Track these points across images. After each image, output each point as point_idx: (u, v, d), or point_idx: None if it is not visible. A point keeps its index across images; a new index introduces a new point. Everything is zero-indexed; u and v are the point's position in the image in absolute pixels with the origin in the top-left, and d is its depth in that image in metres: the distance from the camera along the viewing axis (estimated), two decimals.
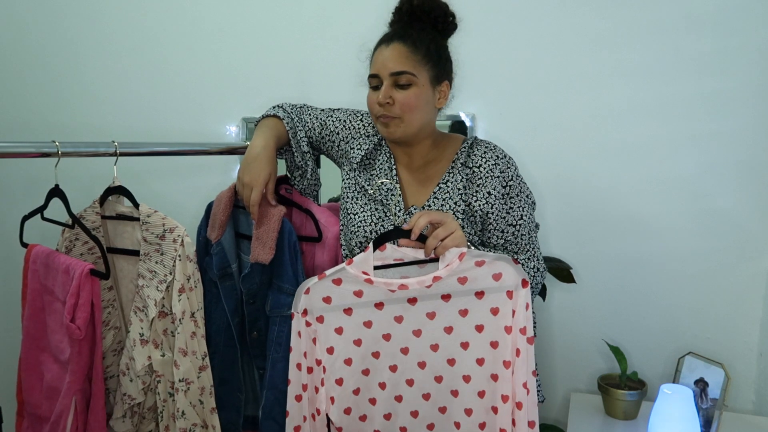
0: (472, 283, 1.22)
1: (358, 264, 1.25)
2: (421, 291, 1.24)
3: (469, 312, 1.25)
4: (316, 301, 1.28)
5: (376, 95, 1.36)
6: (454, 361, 1.27)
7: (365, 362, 1.31)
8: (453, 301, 1.24)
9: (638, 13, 1.84)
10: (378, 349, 1.30)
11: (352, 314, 1.28)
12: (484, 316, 1.24)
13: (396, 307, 1.27)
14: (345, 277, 1.26)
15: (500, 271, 1.22)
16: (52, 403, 1.39)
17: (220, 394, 1.50)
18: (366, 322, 1.28)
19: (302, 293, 1.28)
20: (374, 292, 1.26)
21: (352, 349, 1.30)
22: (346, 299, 1.27)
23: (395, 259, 1.26)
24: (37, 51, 2.32)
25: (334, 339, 1.30)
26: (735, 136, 1.80)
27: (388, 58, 1.35)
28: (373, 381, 1.31)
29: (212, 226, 1.54)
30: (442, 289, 1.24)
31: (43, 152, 1.26)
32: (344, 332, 1.29)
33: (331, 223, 1.52)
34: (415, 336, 1.28)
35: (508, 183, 1.38)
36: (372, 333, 1.29)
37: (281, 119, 1.53)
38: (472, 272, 1.22)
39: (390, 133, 1.38)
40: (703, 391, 1.67)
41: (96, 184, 1.52)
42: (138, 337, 1.42)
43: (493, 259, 1.22)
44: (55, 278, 1.37)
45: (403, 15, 1.41)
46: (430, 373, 1.29)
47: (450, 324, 1.26)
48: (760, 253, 1.82)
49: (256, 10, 2.12)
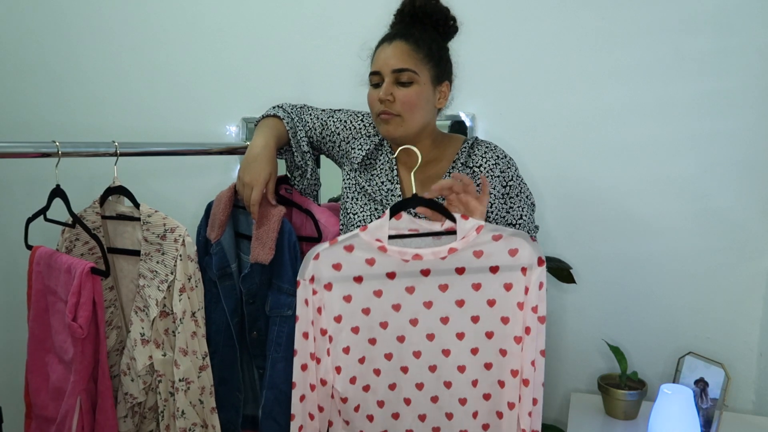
0: (487, 257, 1.21)
1: (373, 231, 1.22)
2: (435, 263, 1.22)
3: (482, 286, 1.23)
4: (325, 268, 1.25)
5: (377, 92, 1.36)
6: (463, 335, 1.25)
7: (372, 332, 1.28)
8: (467, 274, 1.22)
9: (638, 13, 1.84)
10: (386, 319, 1.27)
11: (363, 283, 1.25)
12: (497, 291, 1.23)
13: (408, 278, 1.24)
14: (358, 243, 1.22)
15: (516, 246, 1.20)
16: (58, 404, 1.39)
17: (220, 393, 1.50)
18: (376, 291, 1.26)
19: (311, 259, 1.25)
20: (387, 261, 1.23)
21: (359, 317, 1.27)
22: (357, 267, 1.24)
23: (410, 230, 1.24)
24: (37, 51, 2.31)
25: (341, 307, 1.27)
26: (735, 136, 1.81)
27: (390, 56, 1.35)
28: (379, 351, 1.29)
29: (212, 225, 1.54)
30: (456, 262, 1.21)
31: (43, 152, 1.26)
32: (353, 300, 1.27)
33: (331, 224, 1.52)
34: (426, 308, 1.25)
35: (508, 183, 1.38)
36: (381, 303, 1.26)
37: (281, 119, 1.53)
38: (488, 246, 1.20)
39: (390, 132, 1.38)
40: (703, 391, 1.67)
41: (96, 184, 1.52)
42: (139, 336, 1.42)
43: (510, 234, 1.20)
44: (58, 278, 1.37)
45: (405, 16, 1.42)
46: (437, 345, 1.27)
47: (462, 297, 1.24)
48: (760, 253, 1.82)
49: (256, 10, 2.12)
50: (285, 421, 1.46)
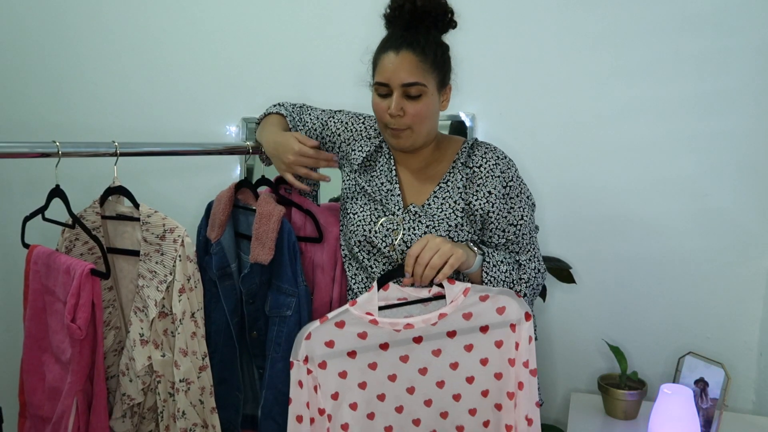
0: (477, 318, 1.24)
1: (362, 305, 1.25)
2: (426, 329, 1.25)
3: (474, 347, 1.26)
4: (317, 346, 1.26)
5: (386, 104, 1.34)
6: (459, 396, 1.29)
7: (370, 406, 1.30)
8: (458, 337, 1.26)
9: (638, 13, 1.84)
10: (383, 391, 1.29)
11: (357, 357, 1.27)
12: (489, 350, 1.26)
13: (401, 347, 1.26)
14: (348, 319, 1.25)
15: (504, 304, 1.24)
16: (54, 404, 1.39)
17: (219, 393, 1.50)
18: (371, 364, 1.28)
19: (303, 339, 1.25)
20: (379, 333, 1.25)
21: (356, 392, 1.29)
22: (350, 342, 1.26)
23: (399, 299, 1.26)
24: (37, 51, 2.32)
25: (337, 384, 1.28)
26: (735, 136, 1.81)
27: (399, 68, 1.31)
28: (379, 425, 1.31)
29: (212, 225, 1.54)
30: (447, 326, 1.25)
31: (43, 152, 1.25)
32: (348, 376, 1.28)
33: (331, 224, 1.52)
34: (421, 374, 1.28)
35: (508, 183, 1.38)
36: (377, 375, 1.28)
37: (284, 117, 1.54)
38: (476, 307, 1.24)
39: (400, 144, 1.38)
40: (703, 391, 1.67)
41: (96, 184, 1.52)
42: (138, 337, 1.41)
43: (496, 293, 1.24)
44: (56, 278, 1.37)
45: (404, 14, 1.36)
46: (436, 410, 1.30)
47: (456, 360, 1.27)
48: (760, 253, 1.82)
49: (256, 10, 2.12)
50: (284, 420, 1.45)
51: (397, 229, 1.38)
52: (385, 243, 1.38)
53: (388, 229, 1.40)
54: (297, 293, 1.45)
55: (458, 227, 1.36)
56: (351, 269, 1.47)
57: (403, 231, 1.37)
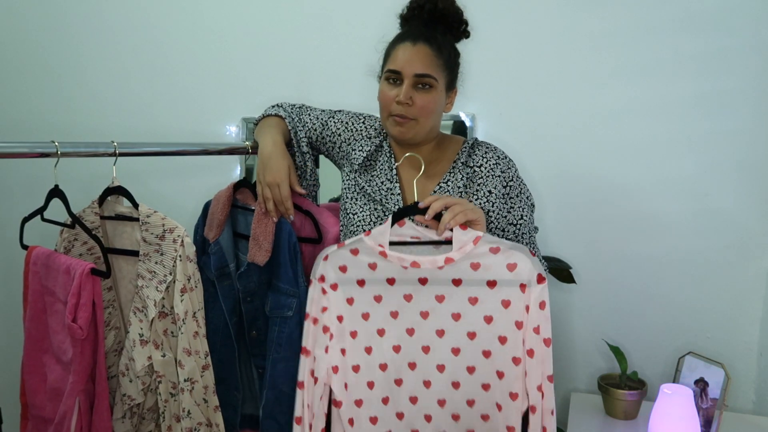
0: (485, 270, 1.19)
1: (376, 236, 1.24)
2: (432, 272, 1.22)
3: (479, 301, 1.21)
4: (332, 269, 1.28)
5: (394, 92, 1.35)
6: (459, 350, 1.24)
7: (370, 340, 1.28)
8: (463, 287, 1.21)
9: (638, 13, 1.84)
10: (384, 327, 1.27)
11: (365, 286, 1.27)
12: (495, 308, 1.20)
13: (407, 286, 1.24)
14: (362, 247, 1.25)
15: (515, 261, 1.17)
16: (56, 404, 1.39)
17: (218, 392, 1.50)
18: (376, 296, 1.27)
19: (321, 260, 1.28)
20: (387, 267, 1.24)
21: (359, 322, 1.28)
22: (361, 270, 1.26)
23: (412, 237, 1.24)
24: (37, 51, 2.32)
25: (344, 308, 1.29)
26: (735, 136, 1.80)
27: (415, 58, 1.33)
28: (375, 360, 1.28)
29: (210, 225, 1.54)
30: (453, 273, 1.21)
31: (42, 152, 1.26)
32: (354, 303, 1.28)
33: (331, 224, 1.52)
34: (423, 318, 1.25)
35: (508, 183, 1.38)
36: (380, 309, 1.27)
37: (283, 118, 1.53)
38: (485, 259, 1.18)
39: (402, 134, 1.38)
40: (703, 391, 1.67)
41: (95, 184, 1.52)
42: (137, 337, 1.41)
43: (508, 247, 1.18)
44: (56, 279, 1.37)
45: (423, 14, 1.39)
46: (433, 359, 1.25)
47: (458, 311, 1.23)
48: (760, 252, 1.82)
49: (256, 10, 2.12)
50: (285, 420, 1.46)
51: None
52: None
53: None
54: (298, 294, 1.45)
55: None
56: None
57: None
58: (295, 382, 1.42)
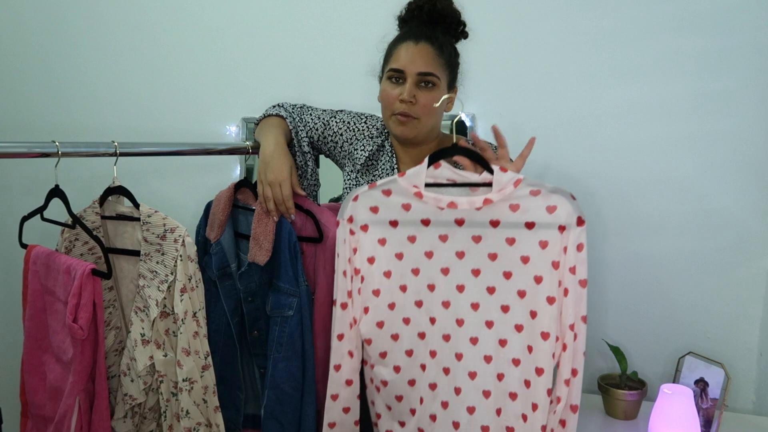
0: (524, 212, 1.17)
1: (410, 177, 1.22)
2: (469, 213, 1.20)
3: (516, 241, 1.19)
4: (362, 210, 1.27)
5: (397, 91, 1.36)
6: (494, 289, 1.22)
7: (404, 278, 1.27)
8: (501, 228, 1.19)
9: (638, 13, 1.84)
10: (418, 266, 1.26)
11: (398, 227, 1.26)
12: (532, 248, 1.18)
13: (442, 227, 1.23)
14: (395, 188, 1.24)
15: (556, 204, 1.16)
16: (56, 404, 1.39)
17: (220, 392, 1.50)
18: (410, 236, 1.25)
19: (350, 200, 1.27)
20: (422, 208, 1.23)
21: (393, 261, 1.27)
22: (394, 211, 1.25)
23: (448, 179, 1.22)
24: (37, 51, 2.31)
25: (375, 249, 1.27)
26: (735, 136, 1.80)
27: (417, 57, 1.35)
28: (410, 299, 1.27)
29: (211, 225, 1.54)
30: (491, 214, 1.19)
31: (43, 152, 1.26)
32: (387, 244, 1.26)
33: (332, 223, 1.52)
34: (458, 258, 1.23)
35: None
36: (415, 249, 1.25)
37: (284, 119, 1.53)
38: (525, 201, 1.17)
39: (405, 133, 1.38)
40: (703, 391, 1.67)
41: (96, 184, 1.52)
42: (139, 337, 1.41)
43: (549, 190, 1.16)
44: (56, 279, 1.37)
45: (423, 14, 1.41)
46: (467, 298, 1.24)
47: (495, 251, 1.20)
48: (760, 253, 1.82)
49: (256, 10, 2.12)
50: (287, 420, 1.46)
51: None
52: None
53: None
54: (298, 293, 1.45)
55: None
56: None
57: None
58: (296, 381, 1.42)
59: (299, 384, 1.47)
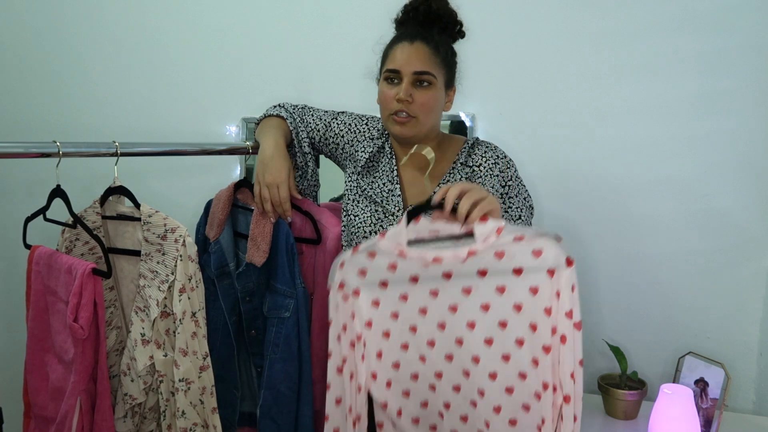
0: (510, 258, 1.14)
1: (391, 237, 1.20)
2: (455, 265, 1.18)
3: (507, 289, 1.16)
4: (351, 275, 1.25)
5: (395, 91, 1.36)
6: (492, 340, 1.20)
7: (403, 336, 1.26)
8: (489, 277, 1.16)
9: (638, 13, 1.84)
10: (415, 324, 1.24)
11: (388, 287, 1.24)
12: (523, 295, 1.15)
13: (431, 282, 1.21)
14: (378, 250, 1.22)
15: (541, 247, 1.13)
16: (58, 404, 1.39)
17: (217, 391, 1.51)
18: (402, 295, 1.24)
19: (337, 267, 1.25)
20: (408, 266, 1.21)
21: (389, 321, 1.26)
22: (381, 272, 1.23)
23: (430, 233, 1.21)
24: (37, 51, 2.31)
25: (371, 312, 1.26)
26: (735, 136, 1.81)
27: (413, 57, 1.35)
28: (413, 355, 1.26)
29: (211, 224, 1.55)
30: (477, 264, 1.16)
31: (43, 152, 1.26)
32: (381, 305, 1.25)
33: (332, 224, 1.52)
34: (452, 312, 1.21)
35: (507, 183, 1.38)
36: (408, 306, 1.24)
37: (284, 119, 1.53)
38: (510, 247, 1.14)
39: (403, 132, 1.38)
40: (703, 391, 1.67)
41: (97, 184, 1.52)
42: (139, 337, 1.42)
43: (533, 235, 1.14)
44: (58, 278, 1.37)
45: (419, 15, 1.41)
46: (467, 352, 1.22)
47: (487, 301, 1.18)
48: (760, 253, 1.82)
49: (256, 10, 2.12)
50: (283, 421, 1.46)
51: None
52: None
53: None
54: (295, 295, 1.45)
55: None
56: None
57: None
58: (293, 382, 1.43)
59: (295, 384, 1.47)
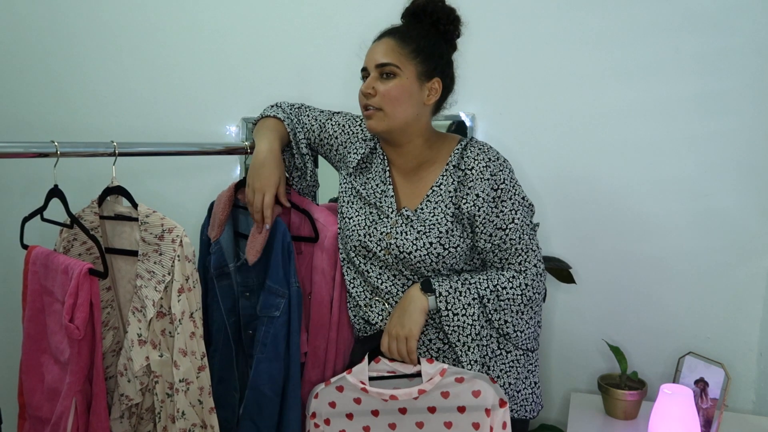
0: (454, 398, 1.34)
1: (356, 374, 1.38)
2: (409, 402, 1.36)
3: (453, 425, 1.35)
4: (323, 405, 1.42)
5: (363, 86, 1.39)
6: None
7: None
8: (438, 413, 1.35)
9: (638, 13, 1.84)
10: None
11: (353, 419, 1.41)
12: (467, 430, 1.34)
13: (390, 416, 1.38)
14: (346, 384, 1.39)
15: (479, 388, 1.32)
16: (54, 405, 1.39)
17: (218, 392, 1.50)
18: (365, 427, 1.40)
19: (312, 398, 1.42)
20: (370, 401, 1.38)
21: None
22: (348, 405, 1.40)
23: (388, 371, 1.39)
24: (37, 51, 2.32)
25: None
26: (735, 136, 1.80)
27: (376, 50, 1.38)
28: None
29: (212, 225, 1.55)
30: (428, 401, 1.35)
31: (41, 152, 1.26)
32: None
33: (330, 223, 1.52)
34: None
35: (499, 186, 1.36)
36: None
37: (282, 121, 1.53)
38: (453, 388, 1.33)
39: (372, 126, 1.39)
40: (703, 391, 1.67)
41: (95, 184, 1.52)
42: (136, 337, 1.41)
43: (471, 376, 1.32)
44: (54, 279, 1.37)
45: (408, 16, 1.43)
46: None
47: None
48: (760, 253, 1.82)
49: (256, 10, 2.12)
50: (264, 424, 1.46)
51: (390, 233, 1.38)
52: (380, 247, 1.38)
53: (381, 232, 1.40)
54: (287, 294, 1.45)
55: (449, 233, 1.35)
56: (349, 273, 1.47)
57: (396, 236, 1.37)
58: (276, 384, 1.46)
59: (279, 388, 1.46)
